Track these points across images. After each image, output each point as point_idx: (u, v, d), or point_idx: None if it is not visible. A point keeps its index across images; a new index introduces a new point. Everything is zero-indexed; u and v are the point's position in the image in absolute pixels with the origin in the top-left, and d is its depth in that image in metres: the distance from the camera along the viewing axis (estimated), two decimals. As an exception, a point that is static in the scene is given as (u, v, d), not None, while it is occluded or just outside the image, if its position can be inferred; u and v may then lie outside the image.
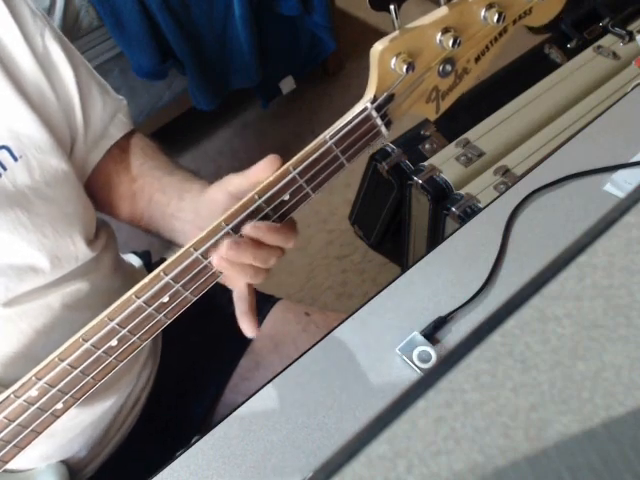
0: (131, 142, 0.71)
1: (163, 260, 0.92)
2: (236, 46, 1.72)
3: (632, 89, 0.94)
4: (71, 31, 1.51)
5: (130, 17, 1.54)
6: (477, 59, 0.52)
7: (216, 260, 0.50)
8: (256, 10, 1.70)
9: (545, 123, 1.30)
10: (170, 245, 0.68)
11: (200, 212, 0.60)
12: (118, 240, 0.77)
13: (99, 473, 0.76)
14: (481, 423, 0.23)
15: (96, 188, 0.71)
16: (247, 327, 0.56)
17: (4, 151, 0.57)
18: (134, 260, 0.87)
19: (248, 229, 0.50)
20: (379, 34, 0.44)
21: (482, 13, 0.48)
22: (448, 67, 0.50)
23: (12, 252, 0.59)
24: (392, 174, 1.35)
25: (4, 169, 0.57)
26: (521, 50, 1.50)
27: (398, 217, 1.46)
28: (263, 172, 0.50)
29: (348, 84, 2.13)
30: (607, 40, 1.43)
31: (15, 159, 0.58)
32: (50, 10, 1.44)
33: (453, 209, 1.18)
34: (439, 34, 0.48)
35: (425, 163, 1.27)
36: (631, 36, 1.41)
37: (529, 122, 1.30)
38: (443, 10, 0.47)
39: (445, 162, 1.26)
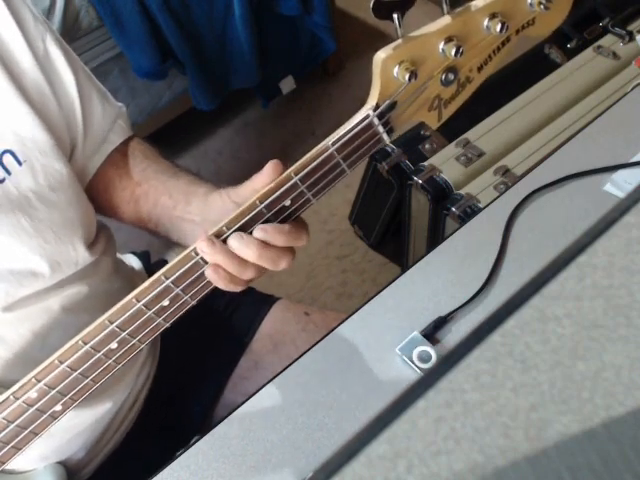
0: (131, 146, 0.71)
1: (162, 261, 0.93)
2: (236, 46, 1.72)
3: (632, 89, 0.94)
4: (71, 31, 1.51)
5: (130, 17, 1.54)
6: (480, 68, 0.52)
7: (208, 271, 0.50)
8: (256, 10, 1.70)
9: (545, 123, 1.30)
10: (170, 245, 0.68)
11: (208, 216, 0.60)
12: (117, 241, 0.77)
13: (97, 474, 0.76)
14: (481, 423, 0.23)
15: (98, 193, 0.71)
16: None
17: (8, 155, 0.57)
18: (133, 261, 0.87)
19: (256, 232, 0.50)
20: (379, 34, 0.44)
21: (485, 23, 0.48)
22: (451, 76, 0.50)
23: (13, 257, 0.59)
24: (392, 174, 1.35)
25: (8, 173, 0.57)
26: (521, 50, 1.50)
27: (398, 217, 1.46)
28: (267, 178, 0.50)
29: (348, 84, 2.13)
30: (607, 40, 1.43)
31: (19, 163, 0.58)
32: (50, 10, 1.44)
33: (453, 209, 1.18)
34: (442, 43, 0.48)
35: (425, 163, 1.27)
36: (631, 36, 1.41)
37: (529, 122, 1.30)
38: (446, 19, 0.47)
39: (445, 162, 1.26)
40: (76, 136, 0.65)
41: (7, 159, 0.57)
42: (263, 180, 0.50)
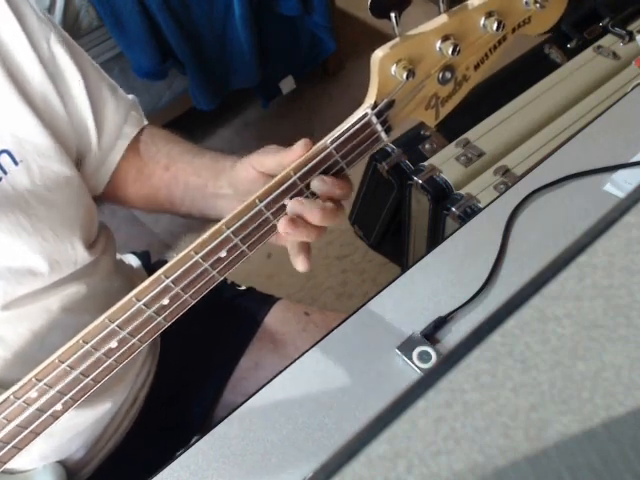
0: (150, 133, 0.72)
1: (162, 261, 0.93)
2: (236, 46, 1.72)
3: (632, 89, 0.94)
4: (71, 31, 1.51)
5: (130, 17, 1.54)
6: (476, 67, 0.52)
7: (283, 223, 0.50)
8: (256, 10, 1.70)
9: (545, 123, 1.30)
10: (170, 245, 0.68)
11: (238, 187, 0.60)
12: (117, 241, 0.77)
13: (97, 474, 0.76)
14: (481, 423, 0.23)
15: (124, 186, 0.71)
16: (300, 265, 0.55)
17: (5, 155, 0.57)
18: (133, 261, 0.87)
19: (316, 183, 0.50)
20: (379, 34, 0.44)
21: (482, 21, 0.49)
22: (448, 74, 0.51)
23: (11, 255, 0.59)
24: (392, 174, 1.35)
25: (5, 173, 0.57)
26: (521, 50, 1.50)
27: (398, 217, 1.46)
28: (296, 155, 0.51)
29: (348, 84, 2.13)
30: (607, 40, 1.43)
31: (16, 163, 0.58)
32: (50, 10, 1.44)
33: (453, 209, 1.18)
34: (439, 42, 0.48)
35: (425, 163, 1.27)
36: (631, 36, 1.41)
37: (529, 122, 1.30)
38: (443, 18, 0.48)
39: (445, 162, 1.26)
40: (88, 136, 0.65)
41: (4, 159, 0.57)
42: (292, 157, 0.51)
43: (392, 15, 0.46)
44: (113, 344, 0.53)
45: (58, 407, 0.57)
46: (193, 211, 0.69)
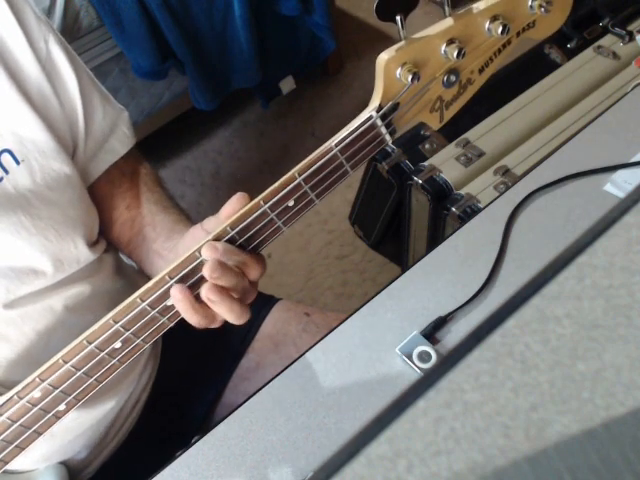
0: (133, 169, 0.72)
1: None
2: (236, 46, 1.72)
3: (632, 89, 0.94)
4: (71, 31, 1.51)
5: (130, 17, 1.54)
6: (481, 70, 0.52)
7: (204, 291, 0.51)
8: (256, 10, 1.70)
9: (545, 123, 1.30)
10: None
11: (177, 252, 0.61)
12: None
13: (99, 474, 0.76)
14: (481, 423, 0.23)
15: (103, 204, 0.72)
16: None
17: (6, 154, 0.58)
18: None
19: (204, 249, 0.51)
20: (379, 34, 0.44)
21: (487, 25, 0.49)
22: (452, 77, 0.51)
23: (13, 254, 0.59)
24: (392, 174, 1.35)
25: (6, 172, 0.58)
26: (521, 50, 1.50)
27: (398, 217, 1.46)
28: (232, 209, 0.51)
29: (348, 84, 2.13)
30: (607, 40, 1.43)
31: (17, 162, 0.58)
32: (50, 10, 1.44)
33: (453, 209, 1.18)
34: (444, 45, 0.48)
35: (425, 163, 1.27)
36: (631, 36, 1.41)
37: (529, 122, 1.30)
38: (448, 21, 0.48)
39: (445, 162, 1.26)
40: (77, 137, 0.65)
41: (5, 158, 0.57)
42: (229, 212, 0.51)
43: (398, 18, 0.46)
44: (117, 344, 0.53)
45: (61, 407, 0.57)
46: (133, 256, 0.71)
